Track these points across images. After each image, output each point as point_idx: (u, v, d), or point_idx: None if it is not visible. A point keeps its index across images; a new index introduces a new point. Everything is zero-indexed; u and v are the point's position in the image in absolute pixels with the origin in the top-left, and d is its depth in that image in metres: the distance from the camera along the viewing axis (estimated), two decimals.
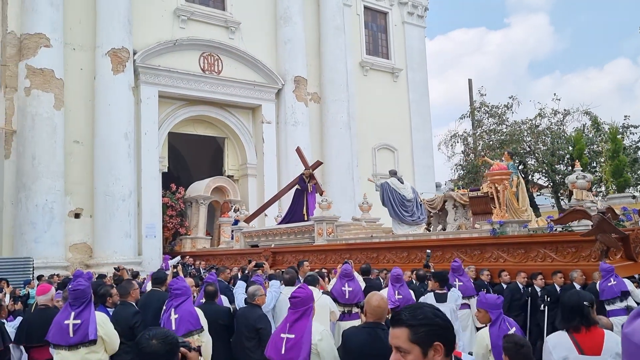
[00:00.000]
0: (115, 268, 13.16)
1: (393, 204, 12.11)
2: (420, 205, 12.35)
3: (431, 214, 13.00)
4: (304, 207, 15.22)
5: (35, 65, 16.12)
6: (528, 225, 9.32)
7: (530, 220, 10.03)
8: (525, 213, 10.58)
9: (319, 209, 13.74)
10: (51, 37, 16.39)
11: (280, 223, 15.81)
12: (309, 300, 4.25)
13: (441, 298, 7.45)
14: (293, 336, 4.10)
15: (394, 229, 12.31)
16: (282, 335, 4.17)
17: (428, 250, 10.10)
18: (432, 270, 9.08)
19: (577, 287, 7.57)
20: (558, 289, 7.78)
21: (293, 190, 16.26)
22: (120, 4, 17.56)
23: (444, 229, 12.25)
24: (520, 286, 8.40)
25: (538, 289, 8.22)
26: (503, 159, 12.50)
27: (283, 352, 4.08)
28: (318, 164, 16.65)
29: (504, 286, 8.57)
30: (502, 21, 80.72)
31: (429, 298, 7.52)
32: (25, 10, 16.38)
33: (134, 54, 17.92)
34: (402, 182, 12.44)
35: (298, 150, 17.12)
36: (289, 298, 4.28)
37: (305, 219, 14.85)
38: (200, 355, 2.86)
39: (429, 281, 7.81)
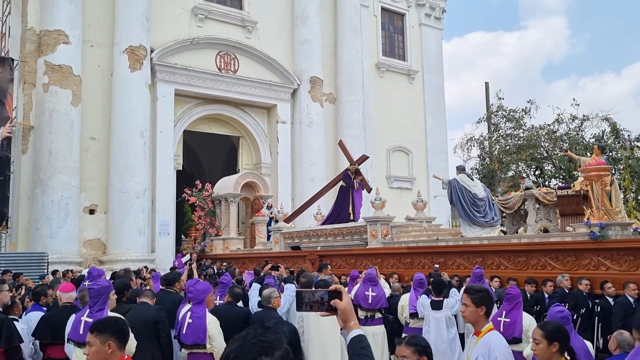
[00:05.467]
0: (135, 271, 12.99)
1: (463, 203, 10.94)
2: (493, 204, 11.21)
3: (504, 214, 11.80)
4: (350, 206, 13.97)
5: (53, 62, 16.22)
6: (639, 229, 8.18)
7: (632, 223, 8.86)
8: (619, 215, 9.35)
9: (371, 208, 12.58)
10: (70, 34, 16.49)
11: (324, 223, 14.40)
12: None
13: (437, 305, 7.43)
14: None
15: (464, 231, 11.18)
16: None
17: (436, 265, 9.74)
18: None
19: None
20: None
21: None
22: (138, 1, 17.63)
23: (516, 232, 11.15)
24: (631, 299, 7.11)
25: None
26: (594, 153, 10.89)
27: None
28: (364, 158, 15.02)
29: (610, 300, 7.37)
30: (519, 24, 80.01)
31: (425, 304, 7.46)
32: (44, 7, 16.50)
33: (151, 51, 17.98)
34: (473, 179, 11.50)
35: (341, 144, 16.19)
36: None
37: (351, 218, 13.70)
38: None
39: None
